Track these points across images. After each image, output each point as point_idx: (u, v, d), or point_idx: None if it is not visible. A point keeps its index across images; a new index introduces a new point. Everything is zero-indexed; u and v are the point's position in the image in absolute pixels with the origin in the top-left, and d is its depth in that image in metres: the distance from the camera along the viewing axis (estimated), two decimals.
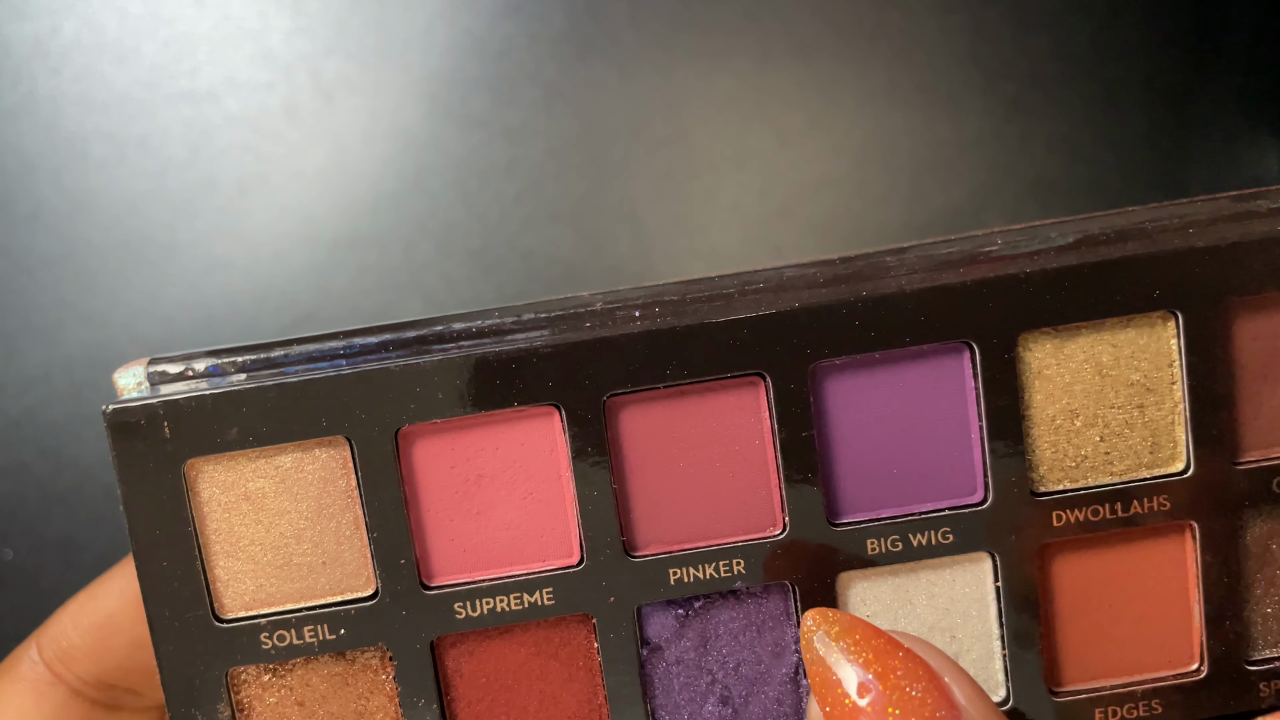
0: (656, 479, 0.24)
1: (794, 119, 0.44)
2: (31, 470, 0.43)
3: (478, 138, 0.44)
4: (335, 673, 0.24)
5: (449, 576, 0.24)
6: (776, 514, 0.24)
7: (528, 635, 0.24)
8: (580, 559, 0.23)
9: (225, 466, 0.23)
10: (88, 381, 0.43)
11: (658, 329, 0.23)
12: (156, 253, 0.43)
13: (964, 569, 0.24)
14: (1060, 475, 0.24)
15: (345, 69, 0.44)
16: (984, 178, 0.45)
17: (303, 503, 0.23)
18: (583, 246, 0.44)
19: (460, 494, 0.23)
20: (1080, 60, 0.45)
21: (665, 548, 0.24)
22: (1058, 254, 0.23)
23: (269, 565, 0.23)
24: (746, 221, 0.45)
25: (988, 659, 0.24)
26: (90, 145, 0.43)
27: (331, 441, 0.23)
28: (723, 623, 0.24)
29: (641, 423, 0.23)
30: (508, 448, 0.23)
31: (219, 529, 0.23)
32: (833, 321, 0.23)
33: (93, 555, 0.43)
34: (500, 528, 0.24)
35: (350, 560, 0.23)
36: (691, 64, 0.44)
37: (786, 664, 0.24)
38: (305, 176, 0.44)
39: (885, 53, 0.44)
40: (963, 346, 0.23)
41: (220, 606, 0.23)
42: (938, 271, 0.23)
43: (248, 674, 0.24)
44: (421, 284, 0.44)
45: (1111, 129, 0.45)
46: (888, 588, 0.24)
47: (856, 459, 0.24)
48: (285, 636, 0.23)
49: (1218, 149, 0.45)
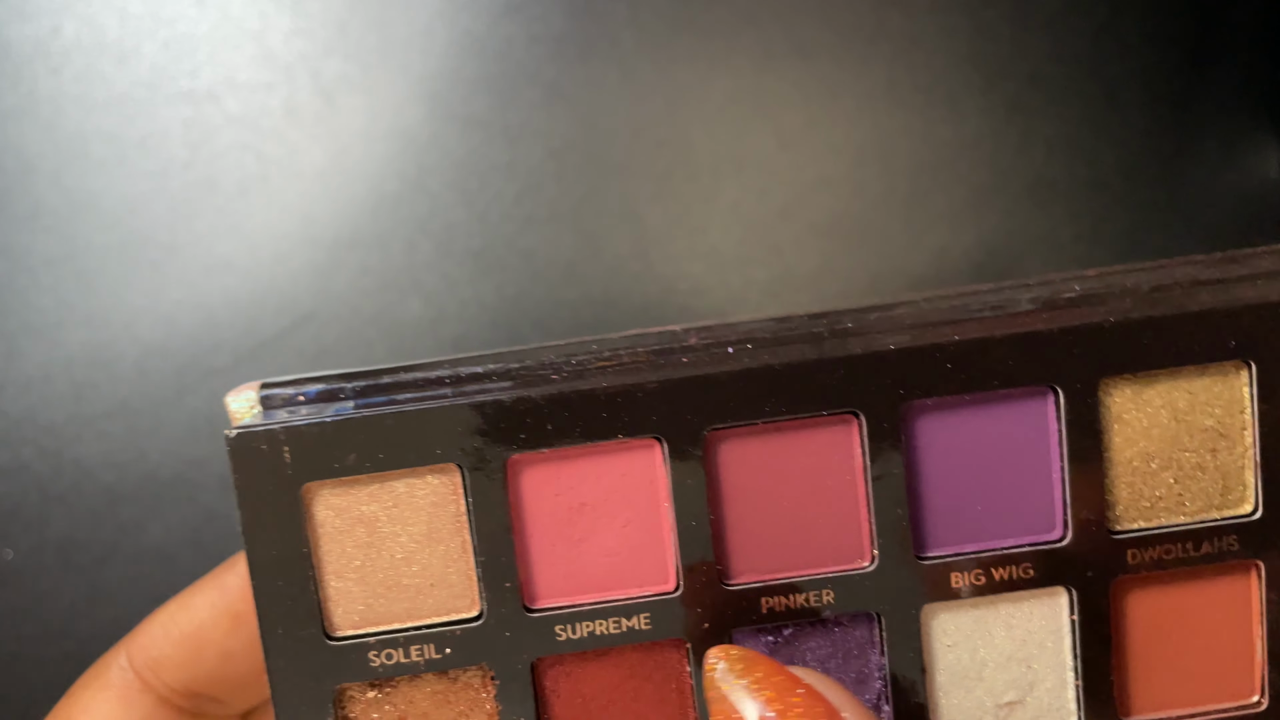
0: (751, 510, 0.24)
1: (794, 119, 0.45)
2: (31, 470, 0.43)
3: (478, 138, 0.44)
4: (437, 690, 0.25)
5: (551, 600, 0.24)
6: (866, 547, 0.25)
7: (623, 658, 0.25)
8: (677, 586, 0.24)
9: (341, 491, 0.24)
10: (88, 382, 0.43)
11: (758, 366, 0.23)
12: (157, 253, 0.43)
13: (1042, 602, 0.25)
14: (1135, 515, 0.25)
15: (345, 69, 0.44)
16: (984, 178, 0.45)
17: (413, 526, 0.24)
18: (583, 246, 0.44)
19: (563, 521, 0.24)
20: (1080, 60, 0.45)
21: (759, 577, 0.24)
22: (1136, 303, 0.24)
23: (379, 586, 0.24)
24: (746, 222, 0.45)
25: (1061, 688, 0.25)
26: (91, 145, 0.43)
27: (443, 468, 0.24)
28: (810, 650, 0.25)
29: (739, 456, 0.24)
30: (610, 478, 0.24)
31: (332, 550, 0.24)
32: (926, 364, 0.24)
33: (92, 555, 0.43)
34: (600, 554, 0.24)
35: (457, 582, 0.24)
36: (691, 65, 0.44)
37: (870, 691, 0.25)
38: (305, 177, 0.44)
39: (885, 53, 0.44)
40: (1048, 390, 0.24)
41: (331, 625, 0.24)
42: (1024, 317, 0.24)
43: (354, 690, 0.25)
44: (422, 284, 0.44)
45: (1111, 129, 0.45)
46: (969, 619, 0.25)
47: (943, 495, 0.25)
48: (393, 655, 0.24)
49: (1217, 149, 0.45)
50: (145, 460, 0.43)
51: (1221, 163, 0.45)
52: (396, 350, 0.44)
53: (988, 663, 0.25)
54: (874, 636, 0.25)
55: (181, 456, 0.43)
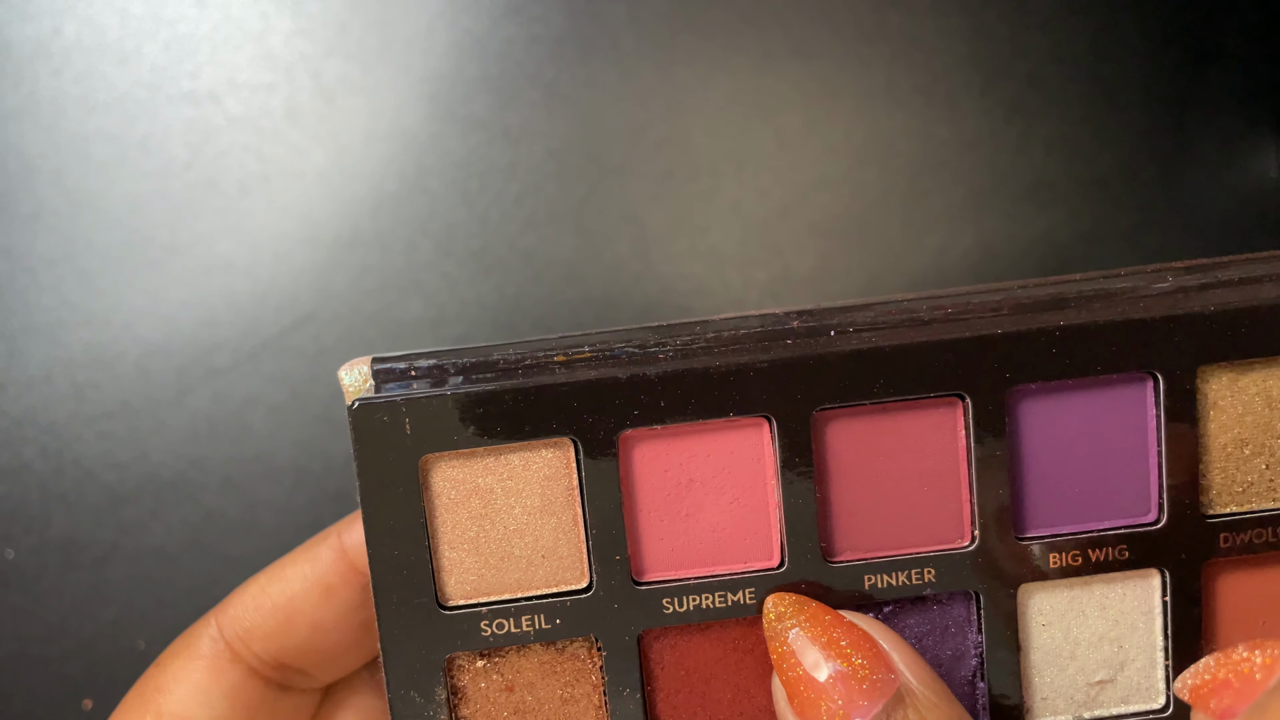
0: (856, 489, 0.25)
1: (793, 120, 0.45)
2: (32, 470, 0.43)
3: (478, 138, 0.44)
4: (545, 660, 0.25)
5: (658, 574, 0.25)
6: (966, 527, 0.25)
7: (726, 632, 0.25)
8: (781, 562, 0.25)
9: (457, 463, 0.24)
10: (89, 382, 0.43)
11: (867, 348, 0.24)
12: (158, 253, 0.43)
13: (1135, 584, 0.26)
14: (1228, 499, 0.25)
15: (346, 70, 0.44)
16: (983, 178, 0.45)
17: (527, 499, 0.25)
18: (583, 247, 0.44)
19: (672, 496, 0.25)
20: (1079, 61, 0.45)
21: (861, 554, 0.25)
22: (1232, 293, 0.25)
23: (491, 557, 0.25)
24: (746, 222, 0.45)
25: (1150, 668, 0.26)
26: (92, 146, 0.43)
27: (558, 443, 0.24)
28: (909, 627, 0.26)
29: (845, 436, 0.25)
30: (719, 455, 0.25)
31: (447, 521, 0.24)
32: (1032, 349, 0.24)
33: (93, 555, 0.43)
34: (707, 529, 0.25)
35: (567, 555, 0.25)
36: (691, 65, 0.44)
37: (966, 668, 0.26)
38: (306, 177, 0.44)
39: (884, 54, 0.44)
40: (1147, 377, 0.25)
41: (444, 595, 0.25)
42: (1125, 305, 0.24)
43: (464, 659, 0.25)
44: (422, 284, 0.44)
45: (1111, 130, 0.45)
46: (1063, 599, 0.26)
47: (1043, 477, 0.25)
48: (503, 625, 0.25)
49: (1217, 150, 0.45)
50: (146, 460, 0.43)
51: (1221, 163, 0.45)
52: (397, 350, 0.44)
53: (1081, 642, 0.26)
54: (971, 615, 0.25)
55: (183, 456, 0.44)
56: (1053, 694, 0.26)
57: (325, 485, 0.44)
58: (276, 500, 0.44)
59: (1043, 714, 0.26)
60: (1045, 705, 0.26)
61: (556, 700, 0.25)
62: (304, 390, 0.44)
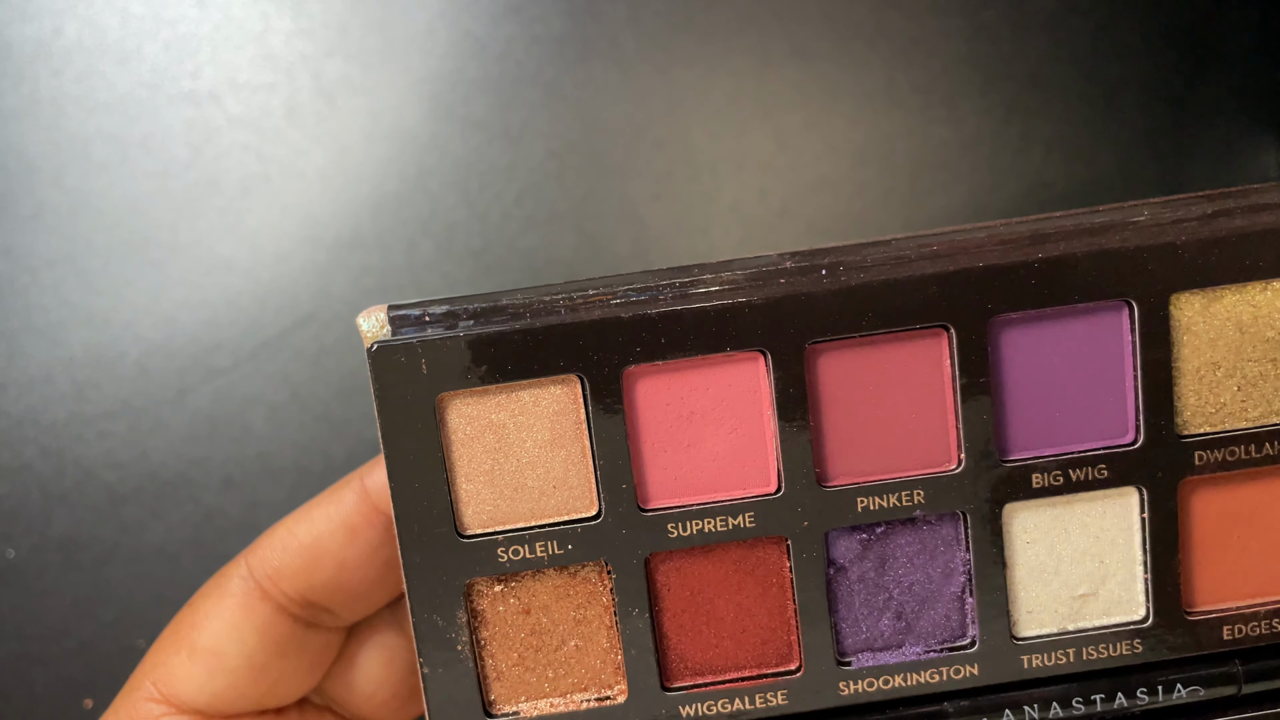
0: (848, 418, 0.26)
1: (793, 120, 0.45)
2: (33, 470, 0.43)
3: (478, 139, 0.44)
4: (558, 584, 0.27)
5: (663, 501, 0.27)
6: (953, 451, 0.27)
7: (727, 554, 0.27)
8: (778, 488, 0.26)
9: (472, 400, 0.26)
10: (89, 381, 0.43)
11: (855, 284, 0.25)
12: (158, 253, 0.43)
13: (1114, 502, 0.27)
14: (1202, 420, 0.27)
15: (346, 70, 0.44)
16: (982, 179, 0.45)
17: (538, 433, 0.26)
18: (583, 247, 0.44)
19: (674, 428, 0.26)
20: (1079, 61, 0.45)
21: (854, 479, 0.27)
22: (1203, 224, 0.26)
23: (506, 488, 0.26)
24: (746, 222, 0.45)
25: (1131, 582, 0.27)
26: (92, 146, 0.43)
27: (565, 379, 0.26)
28: (900, 546, 0.27)
29: (837, 368, 0.26)
30: (717, 388, 0.26)
31: (463, 455, 0.26)
32: (1013, 281, 0.25)
33: (94, 555, 0.43)
34: (708, 459, 0.26)
35: (577, 484, 0.26)
36: (691, 66, 0.44)
37: (954, 584, 0.27)
38: (307, 177, 0.44)
39: (884, 54, 0.44)
40: (1123, 304, 0.26)
41: (462, 524, 0.26)
42: (1101, 237, 0.26)
43: (481, 584, 0.27)
44: (423, 284, 0.44)
45: (1110, 130, 0.45)
46: (1046, 517, 0.27)
47: (1025, 402, 0.27)
48: (519, 551, 0.26)
49: (1217, 150, 0.45)
50: (147, 460, 0.43)
51: (1220, 164, 0.45)
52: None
53: (1064, 558, 0.27)
54: (959, 534, 0.27)
55: (183, 456, 0.44)
56: (1038, 607, 0.27)
57: (325, 485, 0.44)
58: (276, 500, 0.44)
59: (1029, 626, 0.27)
60: (1031, 618, 0.27)
61: (570, 621, 0.27)
62: (304, 390, 0.44)
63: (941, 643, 0.27)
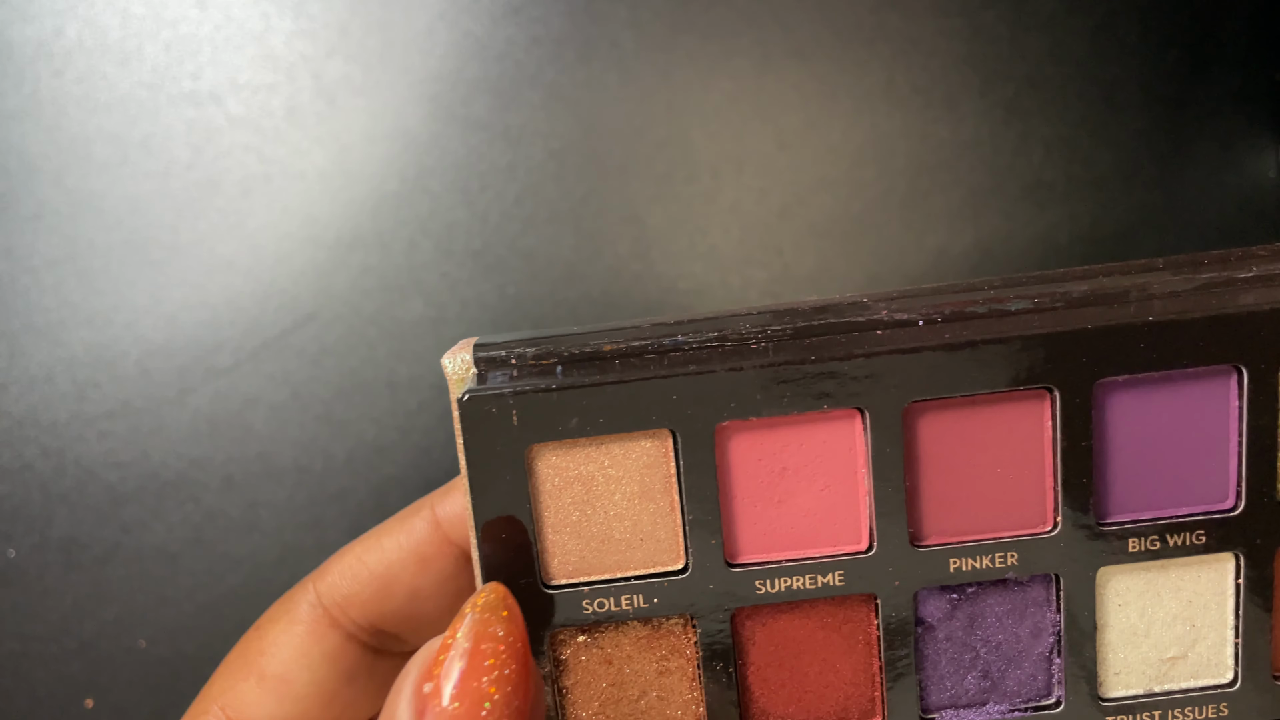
0: (944, 478, 0.26)
1: (793, 121, 0.45)
2: (34, 470, 0.43)
3: (479, 139, 0.44)
4: (642, 636, 0.26)
5: (751, 556, 0.26)
6: (1049, 513, 0.26)
7: (814, 610, 0.27)
8: (870, 546, 0.26)
9: (562, 452, 0.25)
10: (90, 381, 0.43)
11: (959, 343, 0.25)
12: (159, 253, 0.43)
13: (1210, 567, 0.27)
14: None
15: (347, 71, 0.44)
16: (982, 179, 0.45)
17: (627, 486, 0.26)
18: (583, 247, 0.44)
19: (765, 484, 0.26)
20: (1078, 62, 0.45)
21: (947, 539, 0.26)
22: None
23: (593, 540, 0.26)
24: (746, 222, 0.45)
25: (1221, 646, 0.27)
26: (93, 146, 0.43)
27: (657, 433, 0.25)
28: (990, 606, 0.27)
29: (935, 427, 0.26)
30: (811, 445, 0.26)
31: (550, 506, 0.26)
32: (1120, 343, 0.25)
33: (95, 555, 0.44)
34: (799, 515, 0.26)
35: (664, 538, 0.26)
36: (691, 66, 0.44)
37: (1043, 644, 0.27)
38: (307, 177, 0.44)
39: (883, 55, 0.45)
40: (1232, 370, 0.25)
41: (548, 575, 0.26)
42: (1212, 300, 0.25)
43: (564, 634, 0.26)
44: (423, 284, 0.44)
45: (1109, 130, 0.45)
46: (1140, 581, 0.27)
47: (1125, 466, 0.26)
48: (604, 603, 0.26)
49: (1216, 151, 0.45)
50: (147, 460, 0.44)
51: (1219, 164, 0.45)
52: (398, 350, 0.44)
53: (1155, 621, 0.27)
54: (1050, 595, 0.27)
55: (184, 456, 0.44)
56: (1126, 669, 0.27)
57: (325, 485, 0.44)
58: (276, 500, 0.44)
59: (1116, 687, 0.27)
60: (1119, 679, 0.27)
61: (653, 673, 0.27)
62: (304, 390, 0.44)
63: (1026, 702, 0.27)
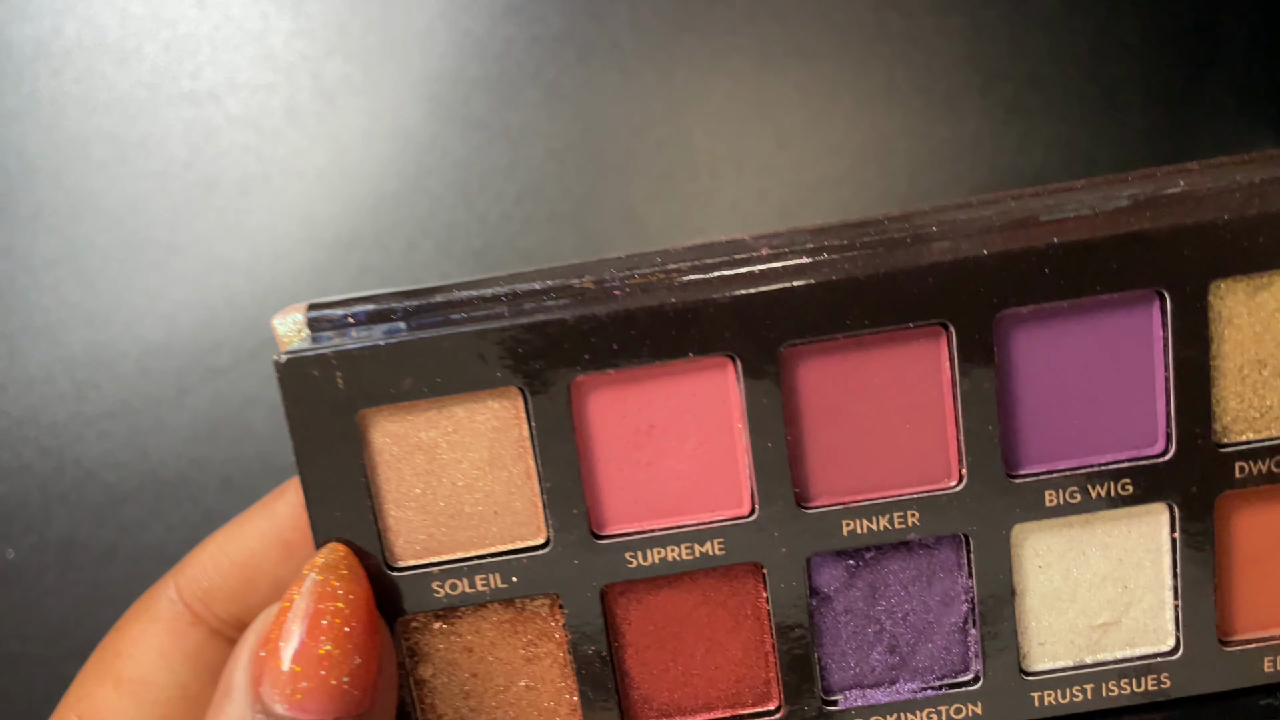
0: (831, 430, 0.23)
1: (793, 120, 0.45)
2: (33, 470, 0.43)
3: (478, 139, 0.44)
4: (504, 620, 0.24)
5: (620, 526, 0.23)
6: (953, 466, 0.23)
7: (695, 584, 0.24)
8: (752, 510, 0.23)
9: (397, 417, 0.23)
10: (89, 381, 0.43)
11: (839, 277, 0.22)
12: (158, 253, 0.43)
13: (1140, 520, 0.24)
14: (1244, 426, 0.23)
15: (346, 70, 0.44)
16: (982, 178, 0.45)
17: (474, 453, 0.23)
18: (583, 247, 0.44)
19: (631, 444, 0.23)
20: (1079, 61, 0.45)
21: (838, 499, 0.23)
22: (1248, 198, 0.22)
23: (440, 514, 0.23)
24: (746, 222, 0.45)
25: (1159, 609, 0.24)
26: (92, 146, 0.43)
27: (504, 392, 0.23)
28: (893, 573, 0.24)
29: (817, 373, 0.23)
30: (679, 399, 0.23)
31: (390, 479, 0.23)
32: (1022, 269, 0.22)
33: (94, 555, 0.43)
34: (671, 478, 0.23)
35: (521, 510, 0.23)
36: (691, 65, 0.44)
37: (955, 613, 0.24)
38: (306, 177, 0.44)
39: (884, 54, 0.44)
40: (1153, 295, 0.22)
41: (392, 555, 0.23)
42: (1127, 216, 0.22)
43: (418, 621, 0.24)
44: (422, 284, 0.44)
45: (1110, 130, 0.45)
46: (1062, 539, 0.24)
47: (1037, 410, 0.23)
48: (457, 585, 0.23)
49: (1216, 150, 0.45)
50: (147, 460, 0.43)
51: None
52: None
53: (1081, 583, 0.24)
54: (961, 559, 0.24)
55: (183, 456, 0.44)
56: (1051, 638, 0.24)
57: None
58: None
59: (1041, 659, 0.24)
60: (1043, 650, 0.24)
61: (519, 660, 0.24)
62: None
63: (940, 679, 0.24)
